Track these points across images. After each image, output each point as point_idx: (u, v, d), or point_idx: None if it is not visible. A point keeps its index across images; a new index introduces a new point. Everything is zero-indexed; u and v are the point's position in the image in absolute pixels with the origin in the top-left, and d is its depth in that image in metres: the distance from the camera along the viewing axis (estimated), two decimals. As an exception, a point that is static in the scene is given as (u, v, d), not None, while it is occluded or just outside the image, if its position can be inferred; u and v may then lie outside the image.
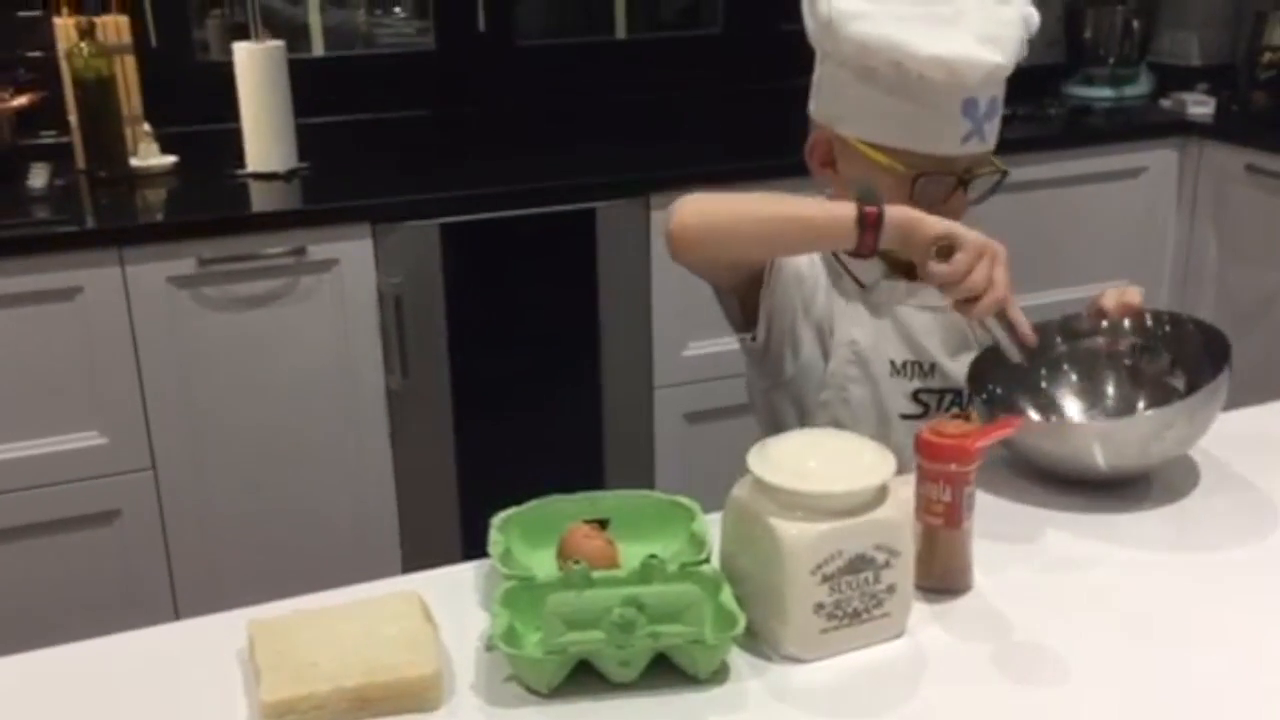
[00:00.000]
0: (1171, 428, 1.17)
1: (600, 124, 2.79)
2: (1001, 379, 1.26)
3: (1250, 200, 2.65)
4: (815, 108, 1.34)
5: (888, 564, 0.94)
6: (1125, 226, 2.76)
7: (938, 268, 1.10)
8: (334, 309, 2.17)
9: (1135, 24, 2.97)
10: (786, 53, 2.73)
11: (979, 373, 1.26)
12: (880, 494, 0.95)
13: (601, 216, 2.32)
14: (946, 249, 1.10)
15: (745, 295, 1.30)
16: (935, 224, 1.11)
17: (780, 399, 1.37)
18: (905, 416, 1.35)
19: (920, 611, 0.98)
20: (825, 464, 0.95)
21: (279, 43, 2.31)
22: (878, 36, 1.21)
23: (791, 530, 0.92)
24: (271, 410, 2.16)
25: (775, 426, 1.35)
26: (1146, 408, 1.27)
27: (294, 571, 2.22)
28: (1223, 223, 2.72)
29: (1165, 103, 2.90)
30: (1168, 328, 1.30)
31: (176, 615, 2.16)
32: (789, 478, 0.93)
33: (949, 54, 1.20)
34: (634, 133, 2.75)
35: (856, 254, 1.15)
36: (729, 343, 1.55)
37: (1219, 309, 2.68)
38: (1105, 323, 1.31)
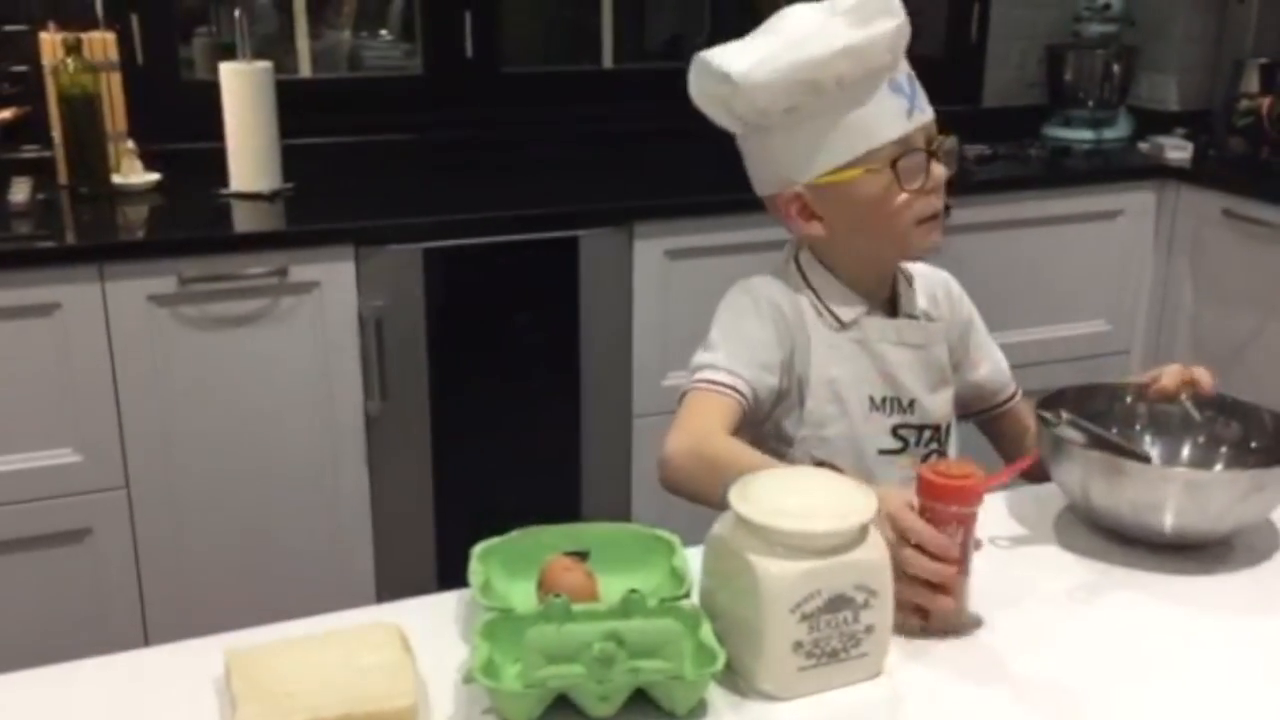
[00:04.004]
0: (1263, 490, 1.16)
1: (585, 152, 2.80)
2: (1071, 422, 1.25)
3: (1226, 244, 2.68)
4: (763, 184, 1.36)
5: (867, 604, 0.94)
6: (1103, 268, 2.79)
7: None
8: (314, 331, 2.16)
9: (1115, 68, 3.01)
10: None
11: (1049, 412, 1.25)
12: (861, 534, 0.95)
13: (584, 245, 2.32)
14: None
15: None
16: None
17: (762, 436, 1.37)
18: (883, 451, 1.35)
19: (898, 652, 0.98)
20: (806, 502, 0.95)
21: (266, 63, 2.31)
22: (784, 65, 1.24)
23: (771, 568, 0.92)
24: (248, 432, 2.15)
25: None
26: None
27: (266, 596, 2.20)
28: (1199, 266, 2.75)
29: (1143, 146, 2.94)
30: (1230, 401, 1.29)
31: (145, 637, 2.14)
32: (770, 515, 0.93)
33: (848, 41, 1.23)
34: (618, 162, 2.76)
35: None
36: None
37: (1194, 352, 2.71)
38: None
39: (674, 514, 1.25)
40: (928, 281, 1.42)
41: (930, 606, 1.02)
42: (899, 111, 1.27)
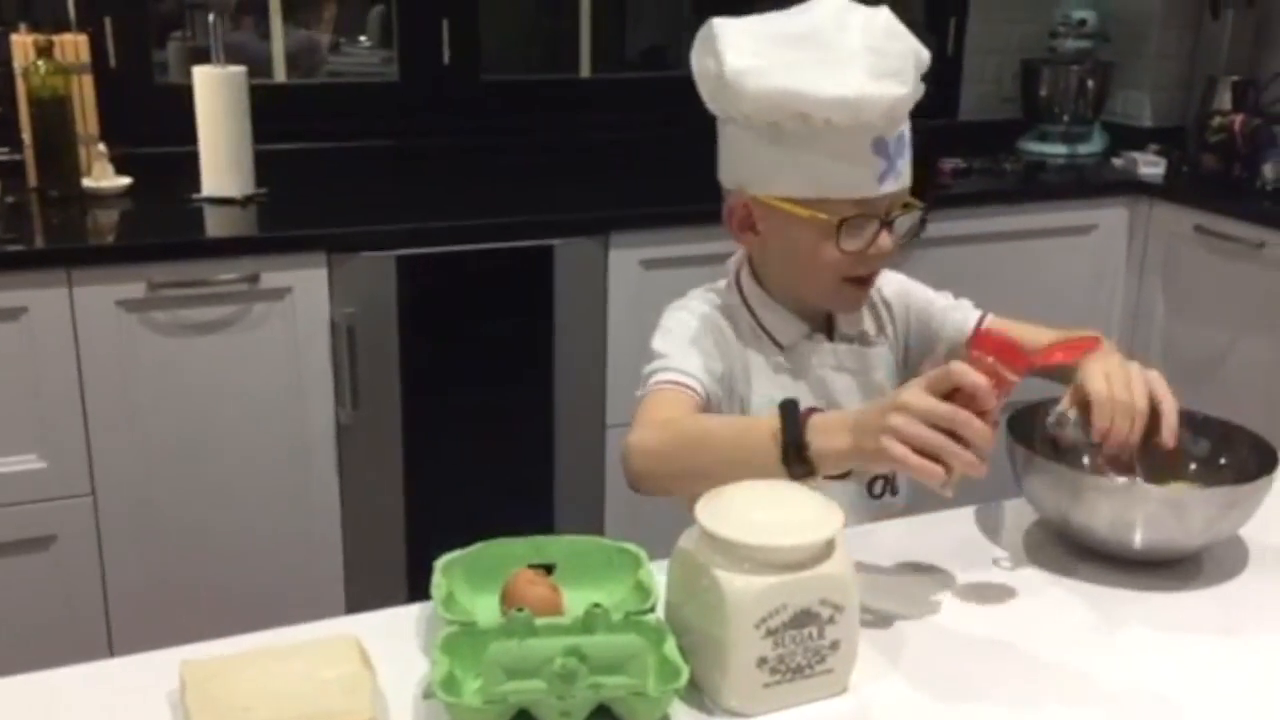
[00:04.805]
0: (1236, 507, 1.15)
1: (561, 161, 2.80)
2: (1046, 439, 1.24)
3: (1198, 260, 2.70)
4: (724, 174, 1.33)
5: (832, 619, 0.94)
6: (1075, 282, 2.80)
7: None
8: (285, 338, 2.14)
9: (1090, 84, 3.03)
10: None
11: (1022, 430, 1.23)
12: (827, 548, 0.94)
13: (559, 254, 2.31)
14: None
15: None
16: (875, 420, 1.02)
17: None
18: (828, 475, 1.32)
19: (864, 668, 0.98)
20: (772, 517, 0.94)
21: (240, 68, 2.30)
22: (776, 88, 1.20)
23: (736, 583, 0.91)
24: (217, 439, 2.13)
25: None
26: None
27: (234, 605, 2.18)
28: (1171, 282, 2.77)
29: (1117, 161, 2.96)
30: (1201, 417, 1.28)
31: (110, 645, 2.12)
32: (735, 529, 0.92)
33: (850, 93, 1.19)
34: (595, 171, 2.76)
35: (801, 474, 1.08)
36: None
37: (1166, 367, 2.69)
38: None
39: (647, 522, 1.24)
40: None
41: (964, 465, 0.97)
42: (873, 174, 1.23)
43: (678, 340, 1.30)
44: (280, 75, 2.74)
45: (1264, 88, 2.92)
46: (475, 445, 2.34)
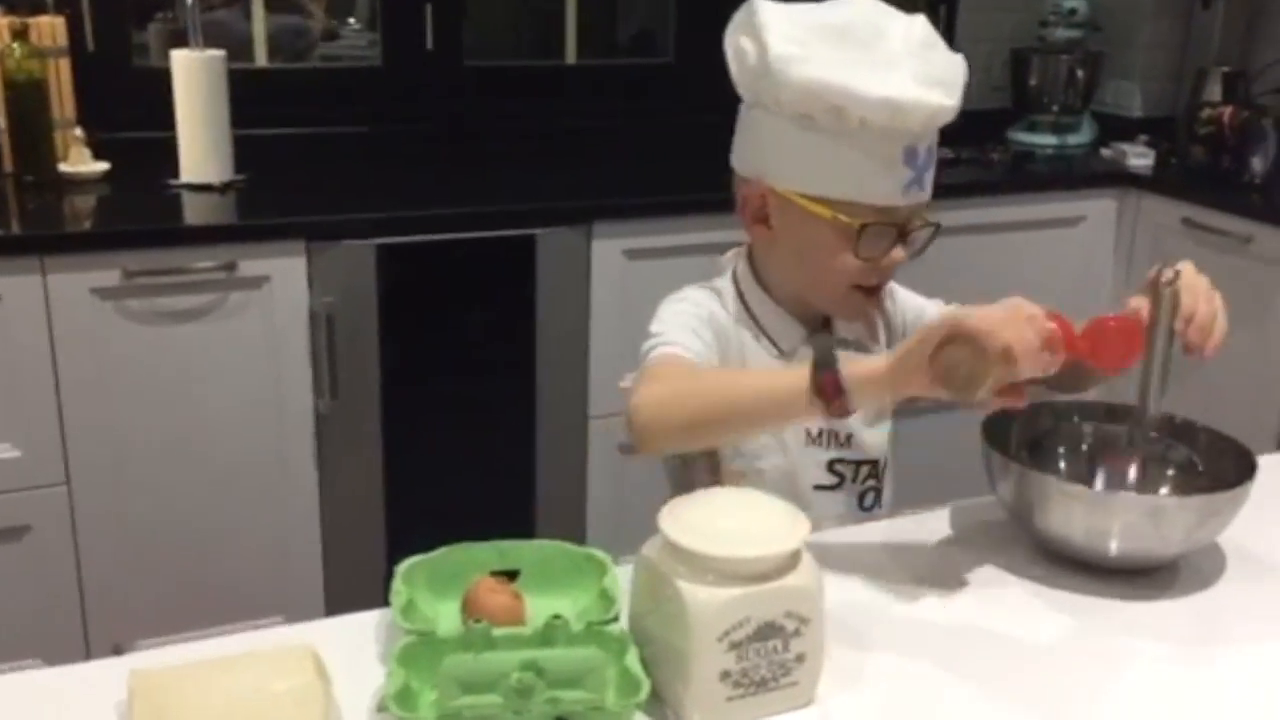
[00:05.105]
0: (1216, 515, 1.14)
1: (546, 149, 2.77)
2: (1024, 445, 1.23)
3: (1186, 253, 2.62)
4: (743, 161, 1.29)
5: (798, 631, 0.92)
6: (1063, 274, 2.78)
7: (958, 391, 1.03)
8: (263, 327, 2.12)
9: (1079, 73, 3.01)
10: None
11: (998, 435, 1.21)
12: (793, 559, 0.93)
13: (542, 243, 2.29)
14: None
15: None
16: (919, 358, 1.03)
17: (697, 470, 1.33)
18: (819, 487, 1.31)
19: (829, 680, 0.96)
20: (738, 527, 0.93)
21: (219, 52, 2.27)
22: (820, 80, 1.17)
23: (699, 595, 0.90)
24: (194, 430, 2.11)
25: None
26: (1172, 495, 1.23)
27: (210, 596, 2.17)
28: (1158, 274, 2.75)
29: (1106, 152, 2.94)
30: (1179, 422, 1.27)
31: (86, 638, 2.11)
32: (698, 540, 0.91)
33: (896, 95, 1.17)
34: (580, 159, 2.73)
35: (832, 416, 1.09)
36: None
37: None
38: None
39: (627, 517, 1.22)
40: None
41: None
42: (899, 183, 1.21)
43: (677, 326, 1.27)
44: (261, 59, 2.71)
45: (1254, 79, 2.90)
46: (455, 436, 2.32)
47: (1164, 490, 1.24)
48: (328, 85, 2.73)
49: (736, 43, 1.24)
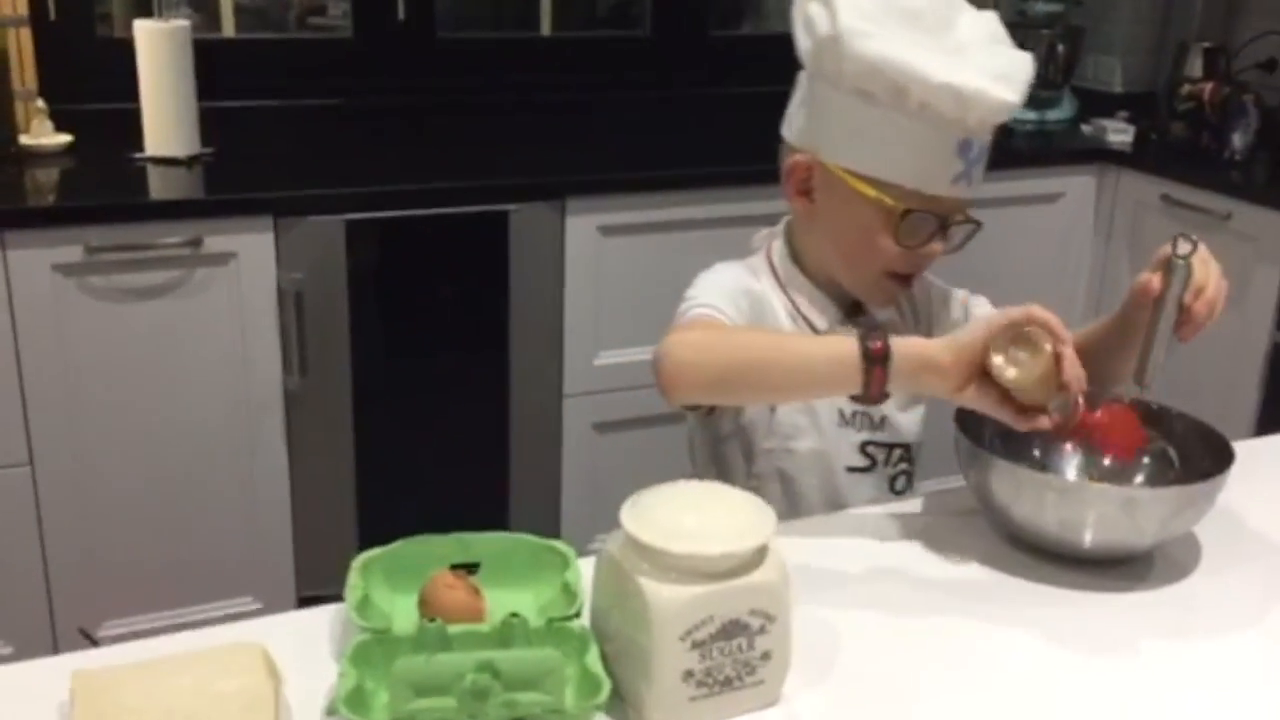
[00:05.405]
0: (1192, 505, 1.13)
1: (519, 123, 2.73)
2: (997, 434, 1.20)
3: (1165, 230, 2.64)
4: (796, 132, 1.27)
5: (763, 629, 0.90)
6: (1041, 251, 2.76)
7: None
8: (230, 304, 2.08)
9: (1060, 48, 2.97)
10: (714, 60, 2.71)
11: (970, 423, 1.19)
12: (758, 555, 0.90)
13: (515, 220, 2.26)
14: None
15: None
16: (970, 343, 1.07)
17: (731, 450, 1.32)
18: (851, 469, 1.31)
19: (796, 678, 0.94)
20: (702, 522, 0.90)
21: (184, 22, 2.22)
22: (888, 57, 1.15)
23: (662, 593, 0.87)
24: (160, 409, 2.08)
25: (724, 478, 1.27)
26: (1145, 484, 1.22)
27: (179, 577, 2.14)
28: (1137, 252, 2.73)
29: (1086, 128, 2.91)
30: (1155, 409, 1.25)
31: (51, 620, 2.08)
32: (661, 536, 0.88)
33: (962, 84, 1.15)
34: (553, 134, 2.69)
35: (867, 399, 1.10)
36: (640, 353, 1.49)
37: (1129, 337, 2.69)
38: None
39: (602, 494, 1.19)
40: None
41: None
42: (950, 173, 1.19)
43: (714, 292, 1.26)
44: (229, 30, 2.66)
45: (1235, 55, 2.87)
46: (427, 414, 2.29)
47: (1139, 480, 1.22)
48: (297, 57, 2.67)
49: (806, 10, 1.22)
